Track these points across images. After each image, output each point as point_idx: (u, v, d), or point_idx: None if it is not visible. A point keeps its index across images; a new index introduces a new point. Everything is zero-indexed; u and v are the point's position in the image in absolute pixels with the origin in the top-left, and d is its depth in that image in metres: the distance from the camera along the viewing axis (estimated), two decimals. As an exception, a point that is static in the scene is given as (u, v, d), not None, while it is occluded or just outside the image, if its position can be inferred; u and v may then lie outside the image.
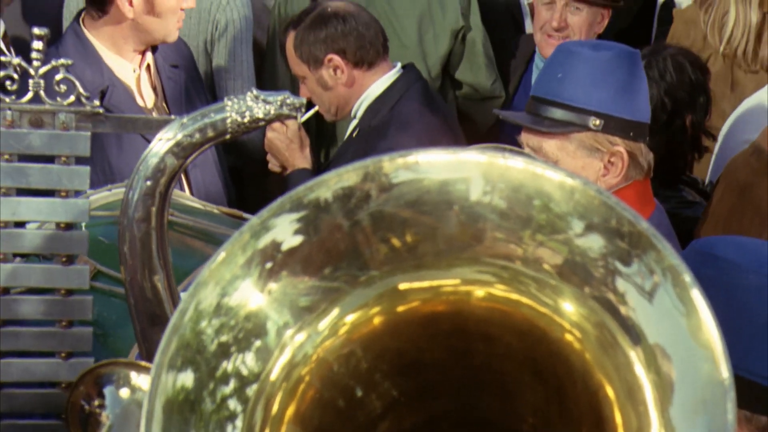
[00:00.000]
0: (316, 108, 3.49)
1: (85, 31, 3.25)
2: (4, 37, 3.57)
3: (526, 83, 3.90)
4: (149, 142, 3.13)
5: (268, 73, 3.97)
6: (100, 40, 3.25)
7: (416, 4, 3.88)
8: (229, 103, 1.85)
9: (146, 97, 3.33)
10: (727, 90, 3.69)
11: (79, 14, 3.33)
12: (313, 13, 3.40)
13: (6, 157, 1.91)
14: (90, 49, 3.23)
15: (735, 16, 3.57)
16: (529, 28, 4.20)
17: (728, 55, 3.64)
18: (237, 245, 1.22)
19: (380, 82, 3.42)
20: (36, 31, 1.92)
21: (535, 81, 2.82)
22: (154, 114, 3.27)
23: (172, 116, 1.91)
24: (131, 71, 3.30)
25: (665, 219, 2.66)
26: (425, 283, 1.29)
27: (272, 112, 1.84)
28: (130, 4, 3.20)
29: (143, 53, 3.32)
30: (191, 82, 3.48)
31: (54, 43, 3.14)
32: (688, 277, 1.13)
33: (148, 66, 3.35)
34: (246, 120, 1.84)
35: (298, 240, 1.23)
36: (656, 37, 4.69)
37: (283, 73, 3.92)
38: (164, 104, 3.36)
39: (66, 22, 3.67)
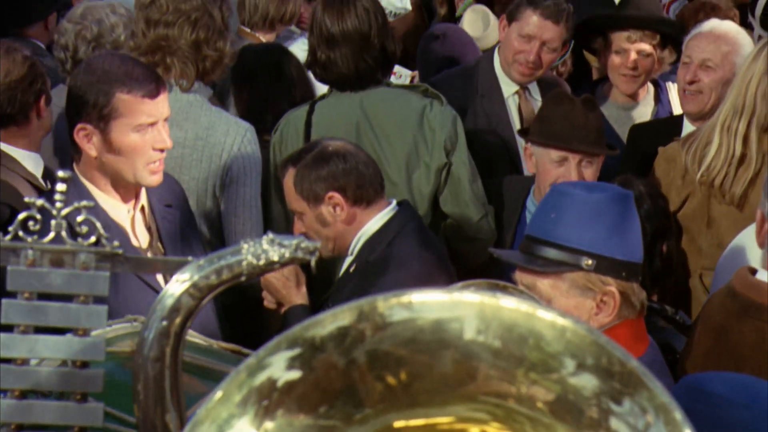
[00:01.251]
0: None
1: (78, 174, 3.25)
2: (44, 176, 3.66)
3: (520, 231, 3.95)
4: (144, 283, 3.21)
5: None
6: (92, 182, 3.25)
7: (404, 142, 3.97)
8: (246, 246, 1.87)
9: (141, 238, 3.31)
10: (703, 227, 3.75)
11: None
12: (314, 151, 3.46)
13: (26, 295, 1.93)
14: (84, 192, 3.21)
15: (718, 145, 3.65)
16: (526, 170, 4.29)
17: (705, 183, 3.69)
18: (233, 384, 1.23)
19: (377, 219, 3.46)
20: (60, 174, 1.97)
21: (530, 221, 2.88)
22: (149, 254, 3.27)
23: (189, 258, 1.94)
24: (125, 212, 3.29)
25: (659, 356, 2.67)
26: (420, 421, 1.29)
27: (287, 255, 1.86)
28: (89, 140, 3.18)
29: (137, 194, 3.31)
30: (185, 221, 3.49)
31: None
32: (679, 415, 1.15)
33: (143, 207, 3.34)
34: (261, 263, 1.86)
35: (294, 378, 1.25)
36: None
37: (278, 211, 3.99)
38: (159, 244, 3.35)
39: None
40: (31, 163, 3.69)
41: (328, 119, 3.97)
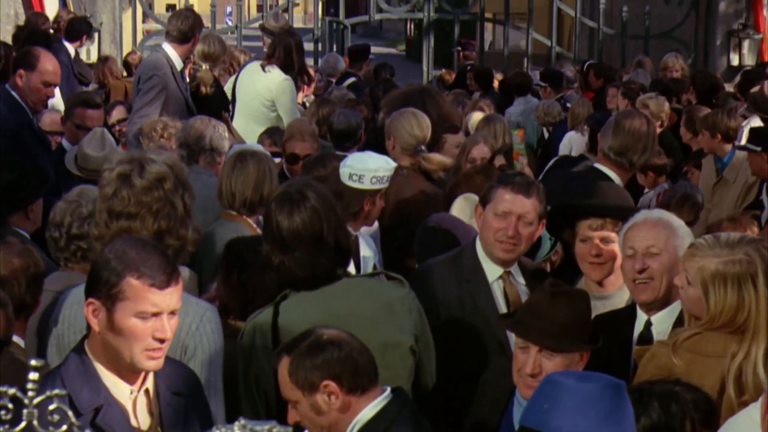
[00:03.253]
0: None
1: (88, 351, 3.30)
2: None
3: (507, 419, 3.91)
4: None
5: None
6: (99, 360, 3.28)
7: (375, 330, 3.98)
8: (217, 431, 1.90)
9: (141, 420, 3.32)
10: None
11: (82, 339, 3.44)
12: (308, 340, 3.47)
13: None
14: (90, 369, 3.27)
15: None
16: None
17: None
18: None
19: (371, 406, 3.46)
20: (33, 362, 1.96)
21: (524, 410, 2.90)
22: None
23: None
24: (128, 392, 3.31)
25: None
26: None
27: (260, 441, 1.84)
28: (95, 315, 3.24)
29: (144, 377, 3.32)
30: (193, 409, 3.46)
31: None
32: None
33: (147, 390, 3.34)
34: (234, 443, 1.85)
35: None
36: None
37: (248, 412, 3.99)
38: (160, 429, 3.34)
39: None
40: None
41: (296, 320, 3.92)
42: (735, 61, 16.25)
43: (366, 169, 5.06)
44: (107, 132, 6.82)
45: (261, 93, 8.50)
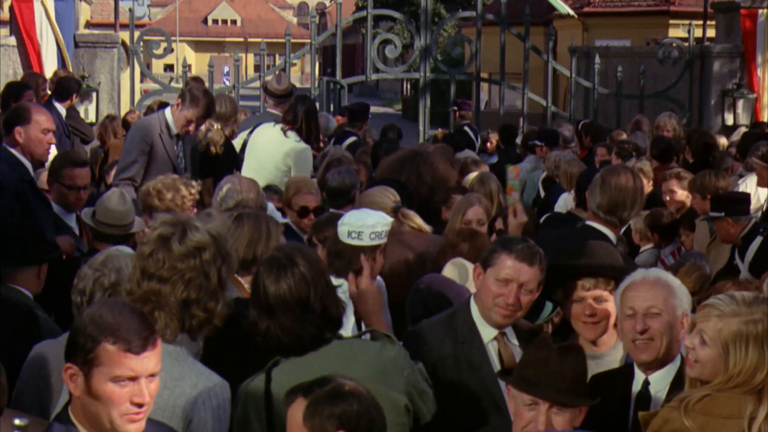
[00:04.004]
0: None
1: (72, 417, 3.28)
2: None
3: None
4: None
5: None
6: (83, 425, 3.27)
7: (371, 393, 3.90)
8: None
9: None
10: None
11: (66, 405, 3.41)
12: (329, 386, 3.40)
13: None
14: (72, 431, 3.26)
15: None
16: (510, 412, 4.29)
17: None
18: None
19: None
20: (17, 422, 1.99)
21: None
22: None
23: None
24: None
25: None
26: None
27: None
28: (73, 380, 3.23)
29: None
30: None
31: None
32: None
33: None
34: None
35: None
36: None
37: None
38: None
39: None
40: None
41: (289, 386, 3.78)
42: (730, 120, 16.35)
43: (364, 225, 5.06)
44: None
45: (278, 157, 8.56)
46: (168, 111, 8.13)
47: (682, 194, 8.75)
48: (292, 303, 3.99)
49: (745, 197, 8.14)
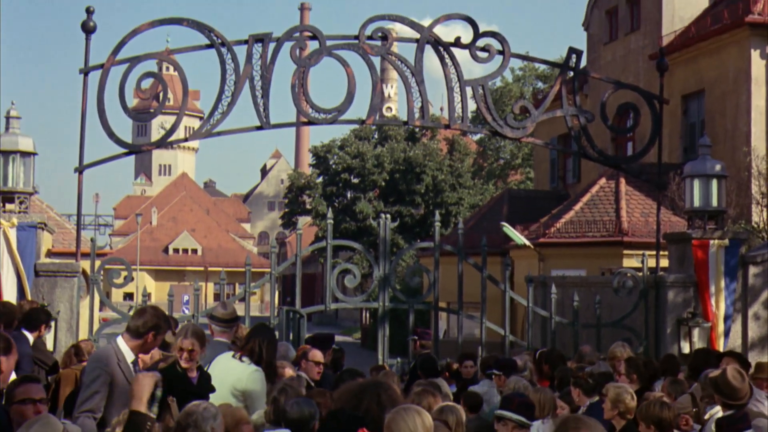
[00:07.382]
0: None
1: None
2: None
3: None
4: None
5: None
6: None
7: None
8: None
9: None
10: None
11: None
12: None
13: None
14: None
15: None
16: None
17: None
18: None
19: None
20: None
21: None
22: None
23: None
24: None
25: None
26: None
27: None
28: None
29: None
30: None
31: None
32: None
33: None
34: None
35: None
36: None
37: None
38: None
39: None
40: None
41: None
42: (686, 348, 16.51)
43: None
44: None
45: (230, 382, 8.61)
46: (119, 339, 8.16)
47: None
48: None
49: None
